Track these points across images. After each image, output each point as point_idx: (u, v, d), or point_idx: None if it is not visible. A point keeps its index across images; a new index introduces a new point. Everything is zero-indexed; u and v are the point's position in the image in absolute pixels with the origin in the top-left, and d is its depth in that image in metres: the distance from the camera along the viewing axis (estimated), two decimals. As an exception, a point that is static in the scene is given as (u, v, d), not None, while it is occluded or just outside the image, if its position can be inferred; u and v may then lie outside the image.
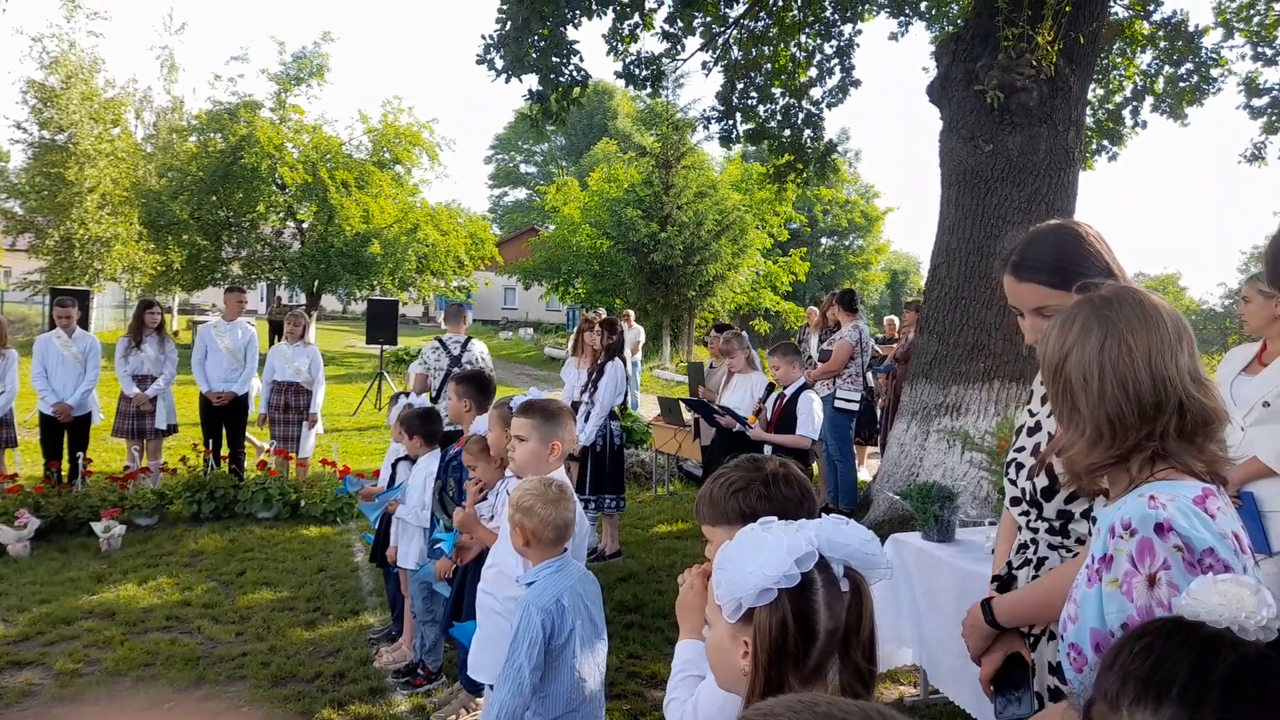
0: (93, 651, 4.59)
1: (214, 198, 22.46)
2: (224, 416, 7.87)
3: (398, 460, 4.79)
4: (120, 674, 4.31)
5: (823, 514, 1.51)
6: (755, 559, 1.33)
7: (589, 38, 67.12)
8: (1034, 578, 2.01)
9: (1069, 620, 1.47)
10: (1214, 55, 10.46)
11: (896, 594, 3.98)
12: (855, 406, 7.85)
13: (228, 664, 4.46)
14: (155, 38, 68.39)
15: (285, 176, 22.20)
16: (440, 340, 7.47)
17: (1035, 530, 2.02)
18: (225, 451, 7.87)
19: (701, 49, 10.08)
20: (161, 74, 30.66)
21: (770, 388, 6.02)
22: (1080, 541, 1.94)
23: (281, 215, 24.73)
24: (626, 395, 7.10)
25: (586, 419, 6.40)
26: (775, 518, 1.43)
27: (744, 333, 7.42)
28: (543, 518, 2.56)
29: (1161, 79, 10.62)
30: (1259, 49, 10.45)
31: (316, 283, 23.66)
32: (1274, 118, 10.79)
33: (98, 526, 6.38)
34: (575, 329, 7.83)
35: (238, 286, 8.27)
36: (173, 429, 8.08)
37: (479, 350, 7.48)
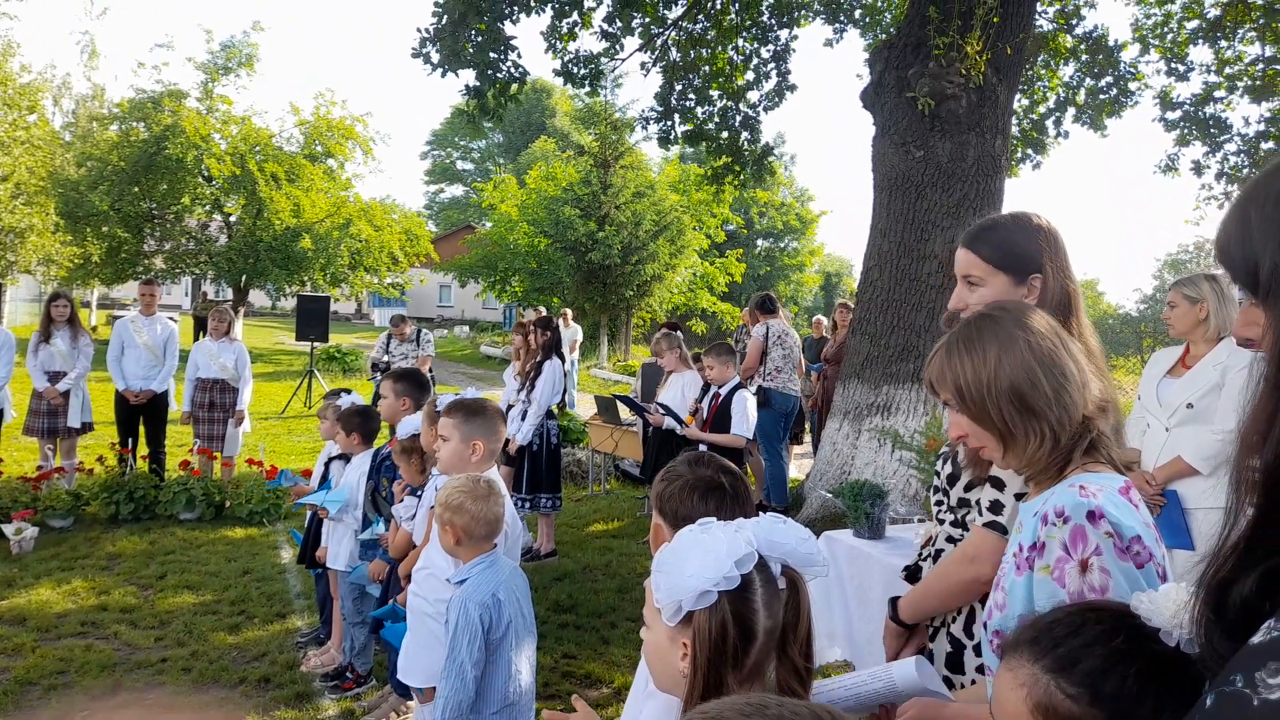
0: (1, 660, 4.38)
1: (136, 189, 21.65)
2: (142, 415, 7.59)
3: (331, 459, 4.69)
4: (31, 683, 4.12)
5: (759, 512, 1.52)
6: (694, 561, 1.32)
7: (527, 34, 67.04)
8: None
9: (995, 608, 1.50)
10: (1132, 70, 10.90)
11: (828, 590, 4.03)
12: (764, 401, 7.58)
13: (146, 670, 4.30)
14: (75, 22, 65.86)
15: (212, 168, 21.51)
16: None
17: (943, 521, 2.08)
18: (144, 451, 7.59)
19: (640, 49, 10.11)
20: (81, 60, 29.51)
21: (706, 386, 6.06)
22: None
23: (208, 208, 23.95)
24: (564, 394, 7.07)
25: (523, 418, 6.36)
26: (713, 519, 1.43)
27: (677, 332, 7.41)
28: (473, 514, 2.54)
29: (1083, 91, 11.03)
30: (1172, 65, 10.93)
31: (244, 278, 22.98)
32: (1186, 130, 11.27)
33: (8, 528, 6.10)
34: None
35: (150, 279, 7.96)
36: (87, 427, 7.72)
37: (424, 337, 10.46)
